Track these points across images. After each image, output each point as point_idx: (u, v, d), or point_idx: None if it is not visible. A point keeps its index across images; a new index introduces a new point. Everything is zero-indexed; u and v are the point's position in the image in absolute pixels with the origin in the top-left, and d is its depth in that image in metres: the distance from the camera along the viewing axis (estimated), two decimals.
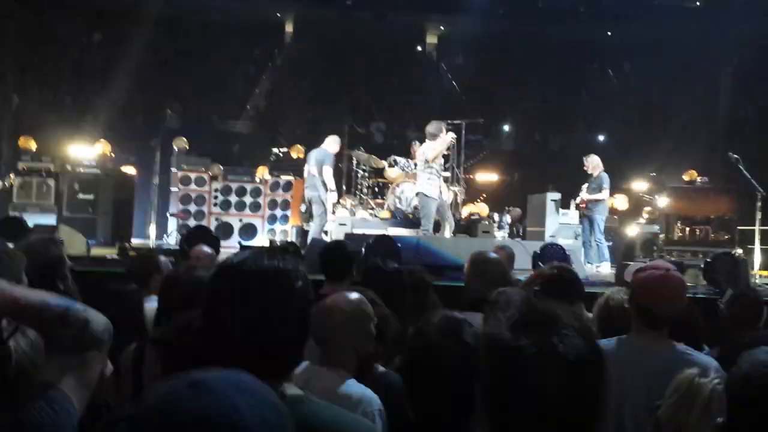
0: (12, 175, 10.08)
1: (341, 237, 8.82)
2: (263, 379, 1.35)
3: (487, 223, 10.32)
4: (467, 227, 10.25)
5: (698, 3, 18.47)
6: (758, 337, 3.13)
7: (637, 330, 2.59)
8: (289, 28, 21.36)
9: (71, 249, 6.45)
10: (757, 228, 9.35)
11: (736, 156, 10.11)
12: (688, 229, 9.86)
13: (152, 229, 8.48)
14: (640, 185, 11.29)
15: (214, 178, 11.13)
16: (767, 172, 11.78)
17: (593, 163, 9.64)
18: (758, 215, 9.21)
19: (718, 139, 15.43)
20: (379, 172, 11.26)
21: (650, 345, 2.52)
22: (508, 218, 11.05)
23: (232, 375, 0.86)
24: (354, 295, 2.58)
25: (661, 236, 10.19)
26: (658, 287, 2.54)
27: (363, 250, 7.02)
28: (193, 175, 10.94)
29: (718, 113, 16.12)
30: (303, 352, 1.54)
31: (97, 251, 8.21)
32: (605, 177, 9.56)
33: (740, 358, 1.61)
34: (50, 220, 9.45)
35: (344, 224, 10.06)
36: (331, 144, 9.80)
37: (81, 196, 10.09)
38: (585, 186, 9.75)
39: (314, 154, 9.79)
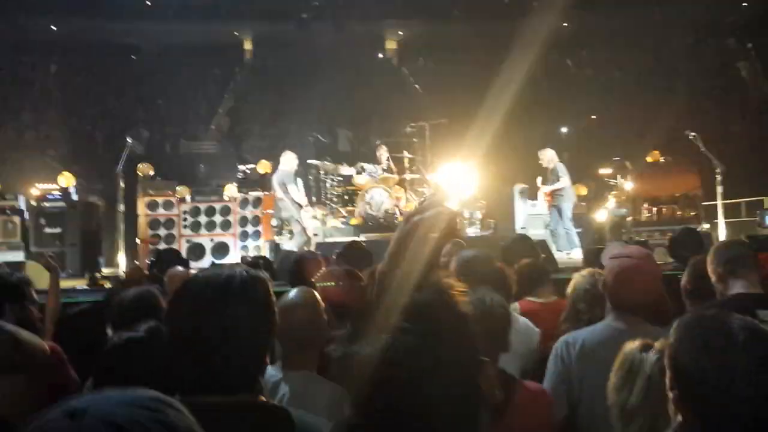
0: None
1: (313, 247, 8.83)
2: (233, 393, 1.34)
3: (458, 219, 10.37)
4: None
5: None
6: (715, 305, 3.15)
7: (613, 315, 2.62)
8: (248, 45, 21.33)
9: (40, 284, 6.36)
10: (719, 202, 9.53)
11: (693, 134, 10.31)
12: (654, 209, 10.01)
13: (122, 258, 8.39)
14: (605, 170, 11.44)
15: (181, 200, 11.03)
16: (726, 146, 12.04)
17: (548, 157, 9.89)
18: (719, 189, 9.39)
19: (678, 119, 15.69)
20: (347, 180, 11.28)
21: (628, 329, 2.52)
22: (478, 213, 11.11)
23: (115, 398, 0.73)
24: (305, 290, 2.65)
25: (629, 218, 10.33)
26: (629, 277, 2.57)
27: (334, 257, 7.01)
28: (160, 200, 10.82)
29: (677, 94, 16.42)
30: (266, 360, 1.51)
31: (66, 283, 8.09)
32: (561, 166, 9.81)
33: (676, 327, 1.52)
34: (18, 257, 9.30)
35: (316, 234, 10.06)
36: (287, 162, 9.77)
37: (47, 230, 9.96)
38: (540, 179, 9.99)
39: (275, 178, 9.79)
